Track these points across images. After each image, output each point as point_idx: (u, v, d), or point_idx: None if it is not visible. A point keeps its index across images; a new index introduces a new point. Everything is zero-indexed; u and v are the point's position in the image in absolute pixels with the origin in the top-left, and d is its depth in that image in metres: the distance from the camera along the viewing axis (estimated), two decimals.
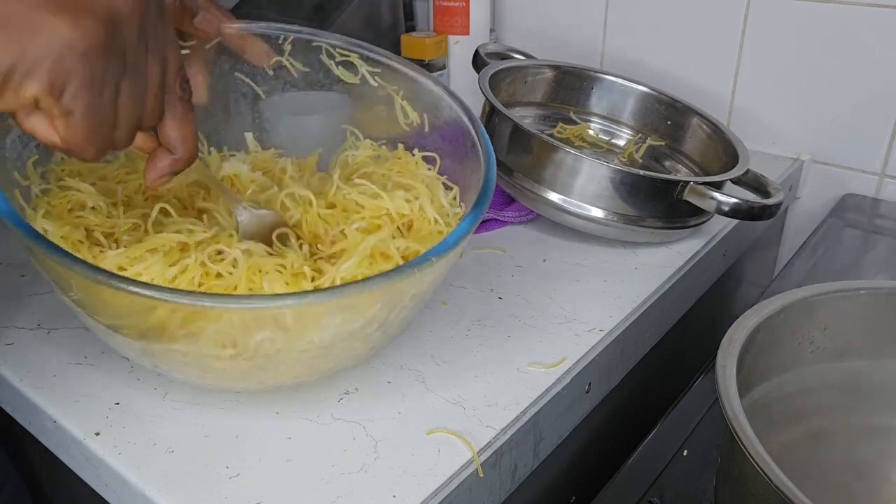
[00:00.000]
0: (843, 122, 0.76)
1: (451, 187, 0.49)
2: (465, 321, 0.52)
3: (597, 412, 0.52)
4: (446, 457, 0.40)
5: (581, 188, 0.59)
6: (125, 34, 0.31)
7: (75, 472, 0.45)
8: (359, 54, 0.52)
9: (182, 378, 0.43)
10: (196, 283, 0.40)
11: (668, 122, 0.74)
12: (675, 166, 0.73)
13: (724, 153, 0.67)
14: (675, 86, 0.84)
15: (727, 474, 0.38)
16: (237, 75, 0.53)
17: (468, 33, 0.87)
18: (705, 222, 0.64)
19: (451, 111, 0.50)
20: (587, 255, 0.61)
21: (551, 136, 0.72)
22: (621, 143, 0.76)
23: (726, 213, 0.57)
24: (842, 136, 0.77)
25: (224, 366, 0.39)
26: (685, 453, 0.45)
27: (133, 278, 0.35)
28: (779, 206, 0.57)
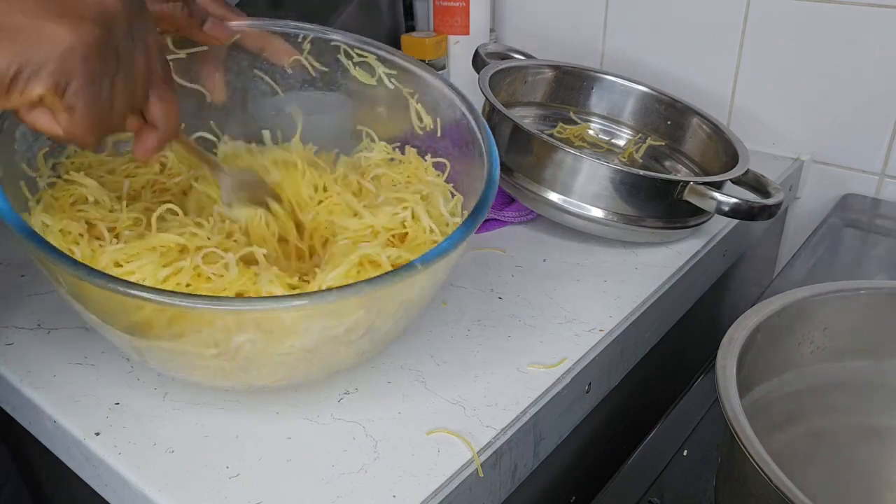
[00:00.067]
0: (843, 122, 0.76)
1: (455, 195, 0.49)
2: (465, 321, 0.52)
3: (597, 412, 0.52)
4: (446, 457, 0.40)
5: (581, 188, 0.59)
6: (117, 32, 0.34)
7: (75, 472, 0.45)
8: (375, 55, 0.52)
9: (171, 374, 0.43)
10: (184, 284, 0.40)
11: (668, 122, 0.74)
12: (675, 166, 0.73)
13: (724, 153, 0.68)
14: (675, 86, 0.84)
15: (727, 474, 0.38)
16: (255, 72, 0.54)
17: (468, 33, 0.87)
18: (705, 222, 0.64)
19: (461, 117, 0.49)
20: (587, 255, 0.61)
21: (551, 136, 0.72)
22: (621, 143, 0.76)
23: (726, 213, 0.57)
24: (842, 136, 0.77)
25: (208, 364, 0.39)
26: (685, 453, 0.45)
27: (108, 273, 0.36)
28: (779, 206, 0.57)
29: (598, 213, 0.59)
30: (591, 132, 0.77)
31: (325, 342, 0.38)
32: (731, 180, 0.61)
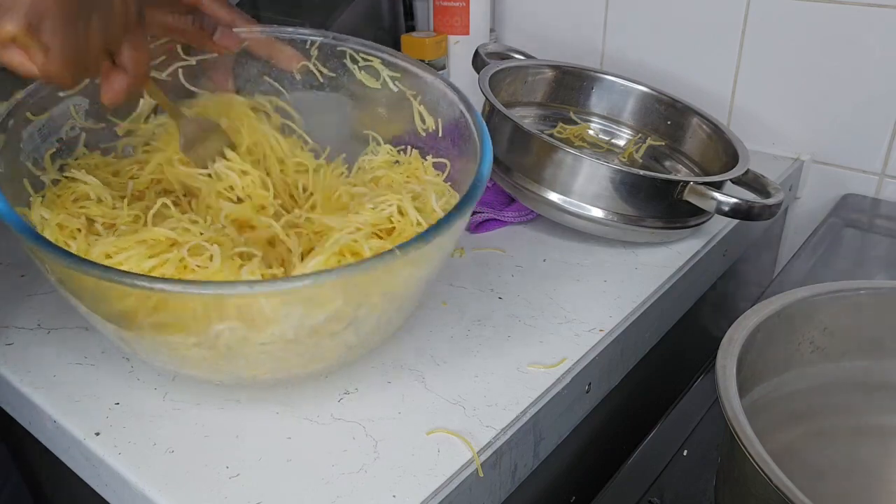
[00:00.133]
0: (843, 122, 0.76)
1: (451, 192, 0.49)
2: (465, 321, 0.52)
3: (597, 412, 0.52)
4: (446, 457, 0.40)
5: (581, 188, 0.59)
6: None
7: (75, 472, 0.45)
8: (380, 59, 0.53)
9: (161, 367, 0.42)
10: (168, 275, 0.40)
11: (668, 122, 0.74)
12: (675, 166, 0.73)
13: (724, 153, 0.67)
14: (675, 86, 0.84)
15: (727, 474, 0.38)
16: (265, 78, 0.55)
17: (468, 33, 0.87)
18: (705, 222, 0.64)
19: (459, 116, 0.49)
20: (587, 255, 0.61)
21: (551, 136, 0.72)
22: (621, 143, 0.76)
23: (726, 213, 0.57)
24: (842, 136, 0.77)
25: (192, 354, 0.39)
26: (685, 453, 0.45)
27: (80, 255, 0.36)
28: (779, 206, 0.57)
29: (598, 213, 0.59)
30: (591, 132, 0.77)
31: (307, 333, 0.38)
32: (731, 180, 0.61)
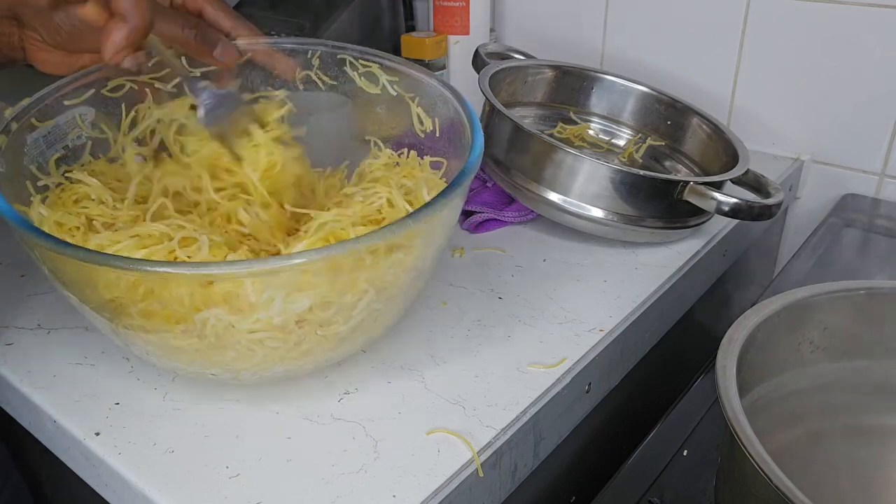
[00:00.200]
0: (843, 122, 0.76)
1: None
2: (465, 321, 0.52)
3: (597, 412, 0.52)
4: (446, 457, 0.40)
5: (581, 188, 0.59)
6: None
7: (75, 472, 0.45)
8: (378, 64, 0.53)
9: (154, 361, 0.42)
10: None
11: (668, 122, 0.74)
12: (675, 166, 0.73)
13: (724, 153, 0.67)
14: (675, 86, 0.84)
15: (727, 474, 0.38)
16: (268, 88, 0.55)
17: (468, 33, 0.87)
18: (705, 222, 0.64)
19: (454, 113, 0.49)
20: (587, 255, 0.61)
21: (551, 136, 0.72)
22: (621, 143, 0.76)
23: (726, 213, 0.57)
24: (842, 136, 0.77)
25: (181, 345, 0.39)
26: (685, 453, 0.45)
27: (63, 234, 0.36)
28: (779, 206, 0.57)
29: (598, 213, 0.59)
30: (591, 132, 0.77)
31: (294, 321, 0.38)
32: (731, 180, 0.61)
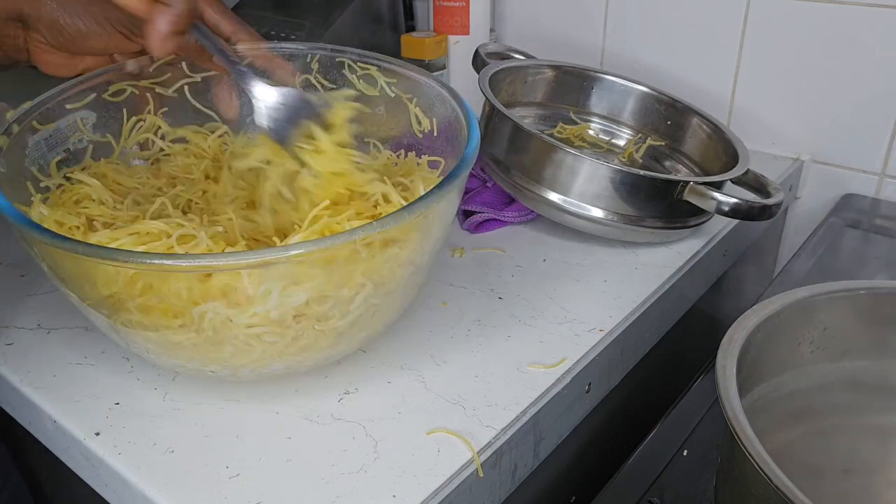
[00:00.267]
0: (843, 122, 0.76)
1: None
2: (465, 321, 0.52)
3: (597, 412, 0.52)
4: (446, 457, 0.40)
5: (581, 188, 0.59)
6: None
7: (75, 472, 0.45)
8: (376, 66, 0.53)
9: (154, 358, 0.42)
10: None
11: (668, 122, 0.74)
12: (675, 166, 0.73)
13: (724, 153, 0.67)
14: (675, 86, 0.84)
15: (727, 474, 0.38)
16: None
17: (468, 33, 0.87)
18: (705, 222, 0.64)
19: (451, 112, 0.50)
20: (587, 255, 0.61)
21: (551, 136, 0.72)
22: (621, 143, 0.76)
23: (726, 213, 0.57)
24: (842, 136, 0.77)
25: (180, 340, 0.39)
26: (685, 453, 0.45)
27: (63, 233, 0.36)
28: (779, 206, 0.57)
29: (598, 213, 0.59)
30: (591, 132, 0.77)
31: (291, 315, 0.38)
32: (731, 180, 0.61)
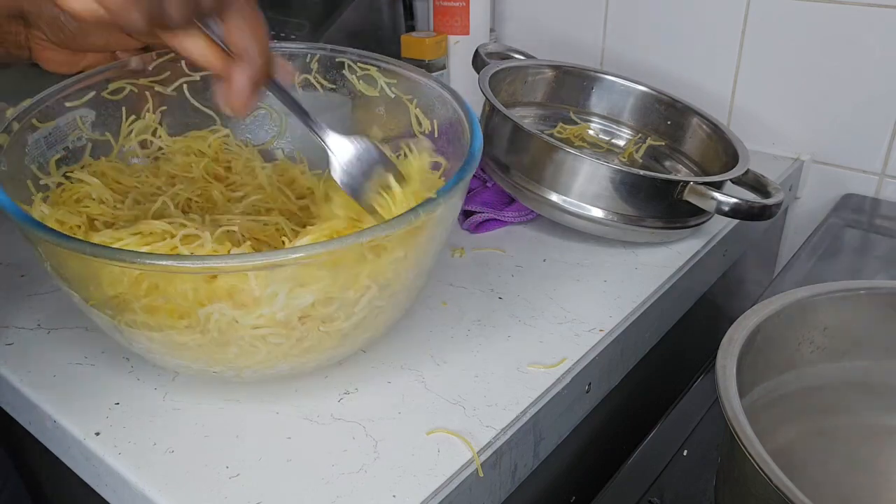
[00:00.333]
0: (843, 122, 0.76)
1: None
2: (465, 321, 0.52)
3: (597, 412, 0.52)
4: (446, 457, 0.40)
5: (581, 188, 0.59)
6: None
7: (75, 472, 0.45)
8: (376, 67, 0.53)
9: (158, 359, 0.42)
10: None
11: (668, 122, 0.74)
12: (675, 166, 0.73)
13: (724, 153, 0.67)
14: (675, 86, 0.84)
15: (727, 474, 0.38)
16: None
17: (468, 33, 0.87)
18: (705, 222, 0.64)
19: (452, 113, 0.50)
20: (587, 255, 0.61)
21: (551, 136, 0.72)
22: (621, 143, 0.76)
23: (726, 213, 0.57)
24: (842, 136, 0.77)
25: (185, 341, 0.39)
26: (685, 453, 0.45)
27: (64, 232, 0.36)
28: (779, 206, 0.57)
29: (598, 213, 0.59)
30: (591, 132, 0.77)
31: (296, 317, 0.38)
32: (731, 180, 0.61)
